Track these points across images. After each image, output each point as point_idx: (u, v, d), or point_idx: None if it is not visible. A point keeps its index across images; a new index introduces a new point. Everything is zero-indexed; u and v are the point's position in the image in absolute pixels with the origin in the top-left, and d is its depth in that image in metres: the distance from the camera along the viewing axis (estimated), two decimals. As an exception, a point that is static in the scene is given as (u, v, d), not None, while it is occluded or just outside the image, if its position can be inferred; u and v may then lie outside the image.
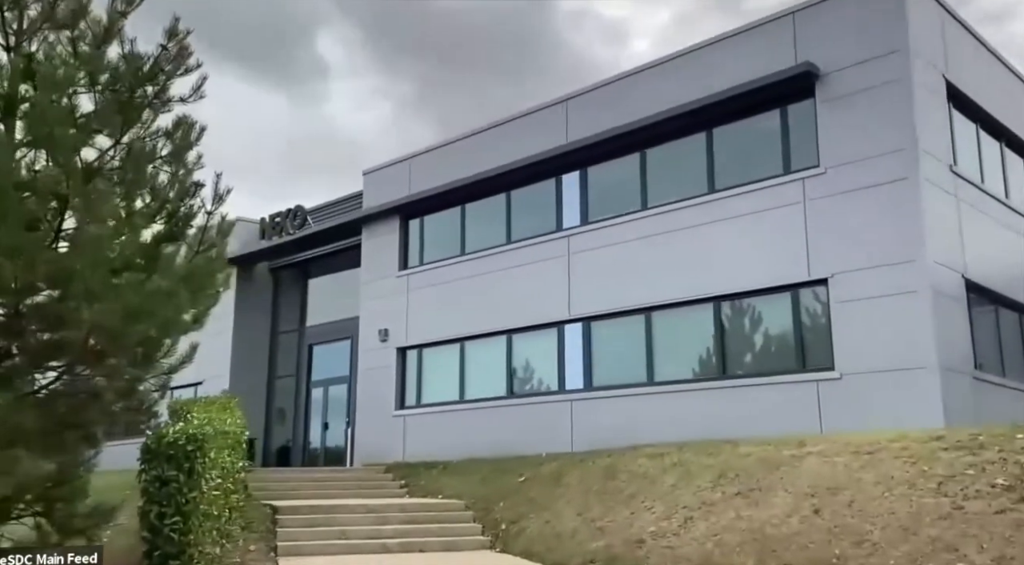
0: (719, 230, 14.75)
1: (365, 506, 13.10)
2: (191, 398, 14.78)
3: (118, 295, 8.45)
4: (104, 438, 9.69)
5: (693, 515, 9.70)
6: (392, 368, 19.40)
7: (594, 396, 15.99)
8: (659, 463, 11.49)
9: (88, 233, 8.22)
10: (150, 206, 9.82)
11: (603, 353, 16.32)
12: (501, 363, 17.70)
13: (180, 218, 10.04)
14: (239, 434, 10.60)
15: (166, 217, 10.03)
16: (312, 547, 11.52)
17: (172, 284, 8.85)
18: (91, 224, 8.30)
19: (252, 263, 23.60)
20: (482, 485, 14.14)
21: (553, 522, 11.31)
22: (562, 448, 15.54)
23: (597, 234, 16.50)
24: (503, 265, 17.86)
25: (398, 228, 19.98)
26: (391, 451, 18.60)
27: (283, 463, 22.63)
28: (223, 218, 9.97)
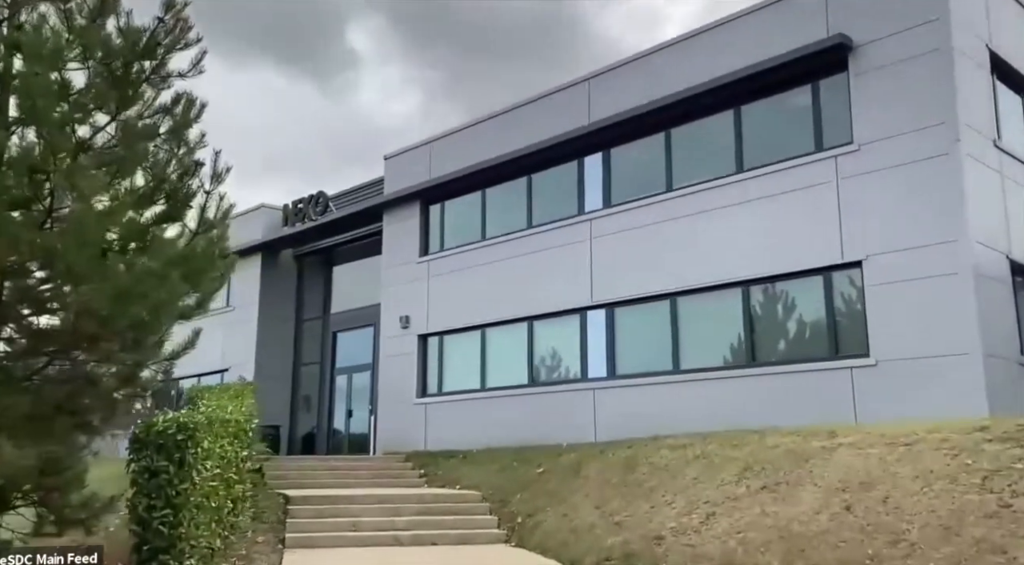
0: (748, 211, 13.96)
1: (379, 496, 12.59)
2: (209, 385, 14.38)
3: (106, 276, 7.98)
4: (104, 426, 9.26)
5: (716, 511, 9.01)
6: (413, 355, 18.89)
7: (617, 385, 15.31)
8: (682, 455, 10.80)
9: (72, 210, 7.74)
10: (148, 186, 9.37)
11: (627, 340, 15.63)
12: (522, 351, 17.09)
13: (179, 198, 9.55)
14: (243, 422, 10.11)
15: (164, 197, 9.56)
16: (321, 539, 11.03)
17: (163, 265, 8.34)
18: (75, 202, 7.83)
19: (276, 250, 23.22)
20: (500, 476, 13.56)
21: (570, 516, 10.69)
22: (584, 438, 14.90)
23: (620, 217, 15.78)
24: (524, 250, 17.22)
25: (418, 213, 19.42)
26: (412, 440, 18.10)
27: (308, 451, 22.28)
28: (222, 198, 9.46)
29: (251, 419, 10.83)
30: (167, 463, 7.78)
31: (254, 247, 22.67)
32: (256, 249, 22.77)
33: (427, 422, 18.21)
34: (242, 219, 23.41)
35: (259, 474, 15.04)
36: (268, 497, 12.93)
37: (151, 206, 9.46)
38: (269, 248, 22.88)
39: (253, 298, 22.81)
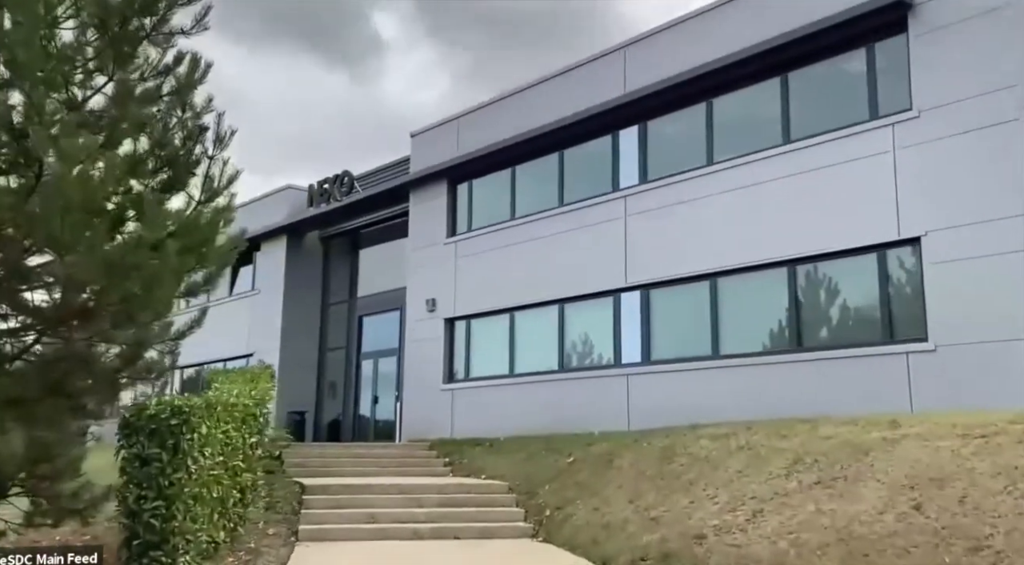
0: (796, 185, 12.90)
1: (399, 486, 11.81)
2: (227, 369, 13.70)
3: (92, 246, 7.24)
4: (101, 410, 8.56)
5: (763, 507, 8.06)
6: (440, 340, 18.08)
7: (653, 370, 14.36)
8: (724, 445, 9.85)
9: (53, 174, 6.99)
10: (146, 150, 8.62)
11: (663, 324, 14.66)
12: (553, 335, 16.20)
13: (180, 165, 8.79)
14: (251, 406, 9.37)
15: (164, 163, 8.81)
16: (336, 532, 10.27)
17: (160, 235, 7.57)
18: (58, 165, 7.08)
19: (301, 232, 22.53)
20: (528, 465, 12.71)
21: (602, 510, 9.81)
22: (617, 426, 14.00)
23: (657, 193, 14.79)
24: (555, 230, 16.30)
25: (446, 192, 18.57)
26: (439, 427, 17.32)
27: (334, 437, 21.64)
28: (225, 163, 8.68)
29: (262, 403, 10.10)
30: (159, 450, 7.04)
31: (279, 229, 22.02)
32: (281, 231, 22.12)
33: (453, 409, 17.42)
34: (267, 200, 22.82)
35: (278, 461, 14.40)
36: (285, 486, 12.23)
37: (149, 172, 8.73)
38: (294, 230, 22.21)
39: (278, 281, 22.17)
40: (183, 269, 9.13)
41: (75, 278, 7.25)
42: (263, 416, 10.10)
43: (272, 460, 14.43)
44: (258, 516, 10.65)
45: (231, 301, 23.61)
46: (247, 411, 9.28)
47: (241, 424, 9.10)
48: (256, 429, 9.73)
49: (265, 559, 8.94)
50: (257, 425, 9.75)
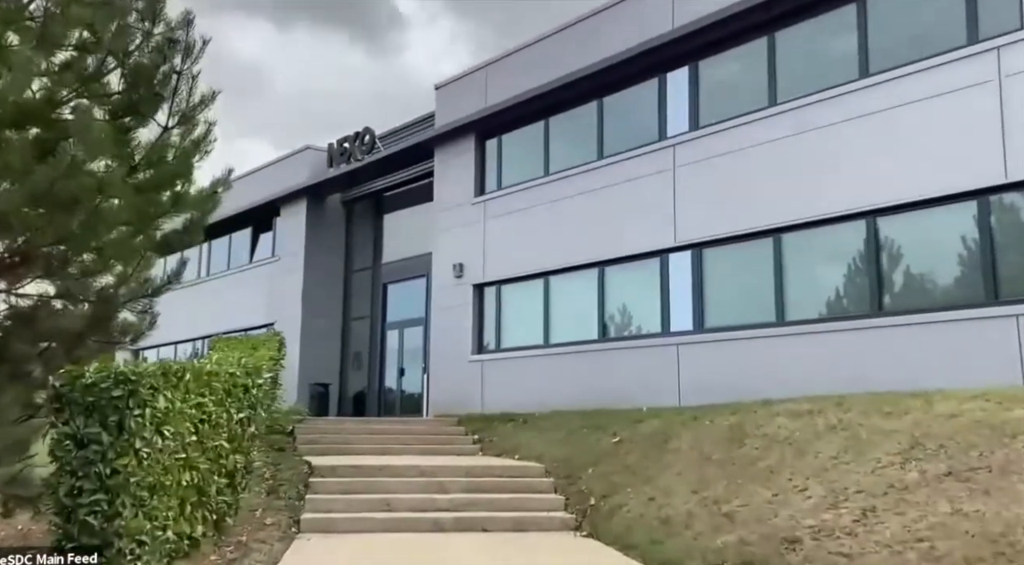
0: (876, 126, 10.84)
1: (420, 468, 10.05)
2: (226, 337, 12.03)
3: (13, 170, 5.50)
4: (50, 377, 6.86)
5: (875, 505, 6.16)
6: (468, 308, 16.27)
7: (706, 339, 12.43)
8: (808, 425, 7.93)
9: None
10: (102, 62, 6.86)
11: (718, 287, 12.70)
12: (592, 301, 14.29)
13: (143, 80, 7.00)
14: (239, 376, 7.63)
15: (123, 80, 7.03)
16: (344, 521, 8.55)
17: (96, 154, 5.82)
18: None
19: (322, 195, 20.77)
20: (566, 445, 10.90)
21: (659, 501, 7.96)
22: (665, 402, 12.13)
23: (710, 141, 12.77)
24: (594, 185, 14.35)
25: (473, 148, 16.66)
26: (468, 400, 15.56)
27: (359, 411, 20.01)
28: (194, 77, 6.88)
29: (257, 372, 8.37)
30: (99, 430, 5.30)
31: (299, 192, 20.29)
32: (301, 194, 20.39)
33: (483, 381, 15.64)
34: (286, 163, 21.11)
35: (291, 437, 12.76)
36: (293, 466, 10.56)
37: (105, 93, 6.97)
38: (315, 193, 20.46)
39: (299, 247, 20.48)
40: (151, 210, 7.41)
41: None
42: (258, 387, 8.38)
43: (285, 436, 12.85)
44: (257, 502, 8.97)
45: (251, 268, 22.02)
46: (233, 381, 7.53)
47: (226, 396, 7.36)
48: (248, 402, 8.00)
49: (254, 557, 7.23)
50: (249, 398, 8.01)
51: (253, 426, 8.30)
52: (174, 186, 7.66)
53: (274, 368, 11.40)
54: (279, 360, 12.50)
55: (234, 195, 21.74)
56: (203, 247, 24.05)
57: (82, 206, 5.74)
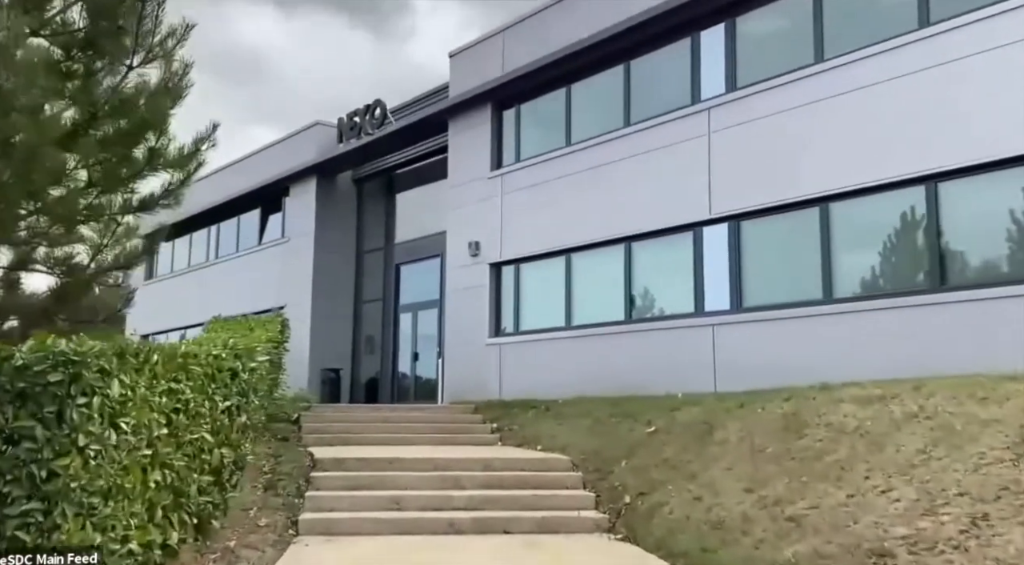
0: (936, 80, 9.59)
1: (434, 461, 8.96)
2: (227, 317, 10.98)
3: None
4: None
5: (987, 511, 4.99)
6: (485, 288, 15.14)
7: (745, 319, 11.25)
8: (882, 412, 6.76)
9: None
10: None
11: (757, 262, 11.50)
12: (618, 279, 13.13)
13: (105, 14, 5.90)
14: (224, 359, 6.55)
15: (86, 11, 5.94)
16: (348, 522, 7.47)
17: (28, 81, 4.72)
18: None
19: (332, 173, 19.66)
20: (595, 435, 9.78)
21: (707, 501, 6.82)
22: (699, 387, 10.97)
23: (748, 103, 11.54)
24: (620, 154, 13.16)
25: (489, 119, 15.48)
26: (484, 386, 14.47)
27: (372, 397, 18.98)
28: (160, 4, 5.77)
29: (249, 355, 7.29)
30: (33, 423, 4.22)
31: (308, 169, 19.18)
32: (311, 172, 19.28)
33: (501, 366, 14.53)
34: (295, 140, 20.03)
35: (295, 425, 11.73)
36: (296, 458, 9.51)
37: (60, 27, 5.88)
38: (325, 171, 19.35)
39: (308, 228, 19.40)
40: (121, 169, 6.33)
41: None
42: (251, 372, 7.31)
43: (290, 424, 11.82)
44: (252, 500, 7.91)
45: (260, 250, 20.97)
46: (218, 364, 6.45)
47: (208, 382, 6.28)
48: (238, 389, 6.93)
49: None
50: (239, 384, 6.94)
51: (244, 415, 7.22)
52: (146, 139, 6.57)
53: (274, 351, 10.35)
54: (281, 343, 11.44)
55: (242, 175, 20.68)
56: (211, 229, 23.08)
57: (13, 149, 4.64)
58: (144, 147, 6.56)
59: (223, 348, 6.74)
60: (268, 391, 9.90)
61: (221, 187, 21.66)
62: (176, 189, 7.07)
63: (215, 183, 22.30)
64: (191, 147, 6.99)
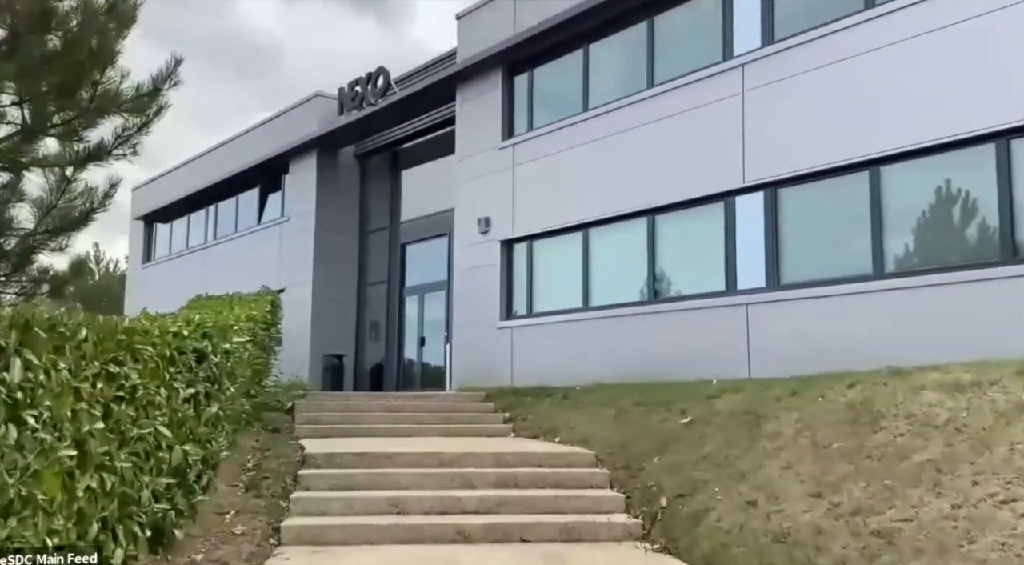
0: (1015, 24, 8.32)
1: (440, 456, 7.80)
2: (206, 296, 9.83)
3: None
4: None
5: None
6: (496, 267, 13.96)
7: (783, 297, 10.04)
8: (979, 402, 5.55)
9: None
10: None
11: (798, 234, 10.27)
12: (641, 256, 11.92)
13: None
14: (184, 337, 5.39)
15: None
16: (339, 530, 6.32)
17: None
18: None
19: (334, 148, 18.46)
20: (620, 426, 8.60)
21: (764, 506, 5.64)
22: (732, 372, 9.80)
23: (788, 57, 10.28)
24: (643, 119, 11.92)
25: (500, 84, 14.25)
26: (496, 372, 13.32)
27: (376, 385, 17.88)
28: None
29: (223, 333, 6.15)
30: None
31: (308, 144, 17.98)
32: (311, 147, 18.09)
33: (514, 350, 13.37)
34: (293, 113, 18.83)
35: (289, 415, 10.61)
36: (285, 452, 8.38)
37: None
38: (326, 145, 18.15)
39: (309, 206, 18.23)
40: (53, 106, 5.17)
41: None
42: (225, 354, 6.17)
43: (284, 414, 10.70)
44: (230, 502, 6.78)
45: (259, 230, 19.81)
46: (178, 345, 5.29)
47: (165, 365, 5.12)
48: (207, 374, 5.78)
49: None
50: (208, 368, 5.79)
51: (216, 405, 6.06)
52: (90, 73, 5.39)
53: (263, 333, 9.20)
54: (272, 324, 10.29)
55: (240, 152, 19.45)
56: (209, 210, 21.94)
57: None
58: (87, 82, 5.37)
59: (186, 325, 5.57)
60: (254, 377, 8.75)
61: (219, 166, 20.53)
62: (133, 136, 5.91)
63: (213, 161, 21.17)
64: (149, 86, 5.83)
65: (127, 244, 25.86)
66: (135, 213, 24.49)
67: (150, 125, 5.98)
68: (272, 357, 11.00)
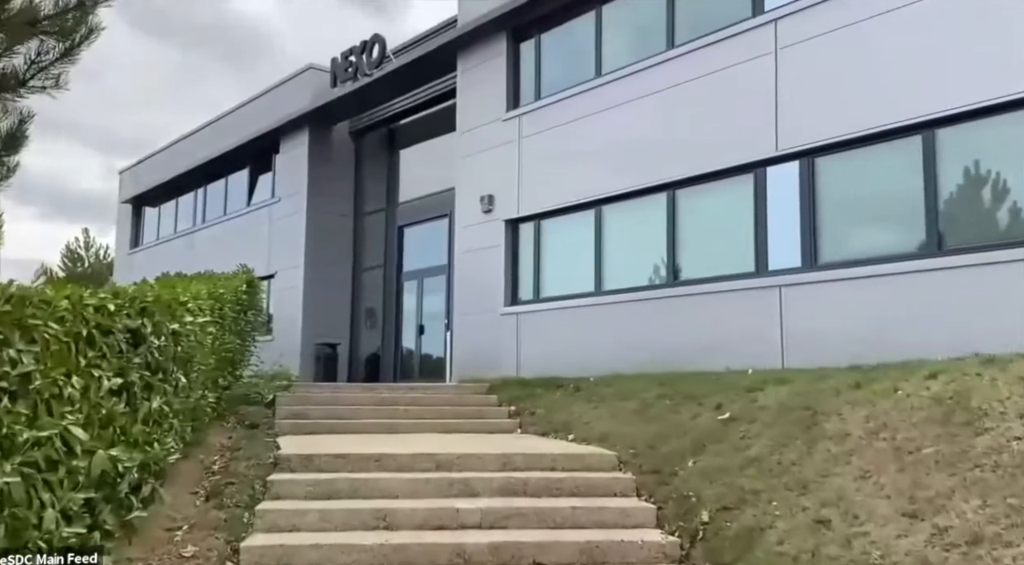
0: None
1: (435, 457, 6.58)
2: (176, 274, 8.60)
3: None
4: None
5: None
6: (500, 249, 12.73)
7: (821, 278, 8.82)
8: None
9: None
10: None
11: (837, 207, 9.04)
12: (659, 234, 10.69)
13: None
14: (113, 312, 4.19)
15: None
16: (312, 551, 5.09)
17: None
18: None
19: (327, 123, 17.19)
20: (644, 422, 7.39)
21: (839, 527, 4.43)
22: (762, 362, 8.63)
23: (828, 9, 9.04)
24: (662, 84, 10.68)
25: (505, 51, 12.99)
26: (500, 362, 12.12)
27: (373, 375, 16.69)
28: None
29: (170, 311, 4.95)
30: None
31: (300, 119, 16.72)
32: (302, 122, 16.82)
33: (519, 338, 12.16)
34: (284, 88, 17.57)
35: (269, 409, 9.40)
36: (258, 452, 7.16)
37: None
38: (318, 121, 16.88)
39: (300, 186, 16.99)
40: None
41: None
42: (171, 337, 4.98)
43: (264, 408, 9.49)
44: (184, 515, 5.56)
45: (249, 212, 18.58)
46: (98, 322, 4.08)
47: (84, 348, 3.92)
48: (146, 360, 4.59)
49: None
50: (147, 354, 4.59)
51: (159, 399, 4.85)
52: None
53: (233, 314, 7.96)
54: (247, 306, 9.06)
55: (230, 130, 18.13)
56: (197, 193, 20.69)
57: None
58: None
59: (113, 298, 4.34)
60: (224, 366, 7.53)
61: (207, 145, 19.28)
62: (55, 63, 4.67)
63: (201, 141, 19.93)
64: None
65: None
66: (122, 196, 23.25)
67: (77, 51, 4.76)
68: (251, 343, 9.79)
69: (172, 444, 5.23)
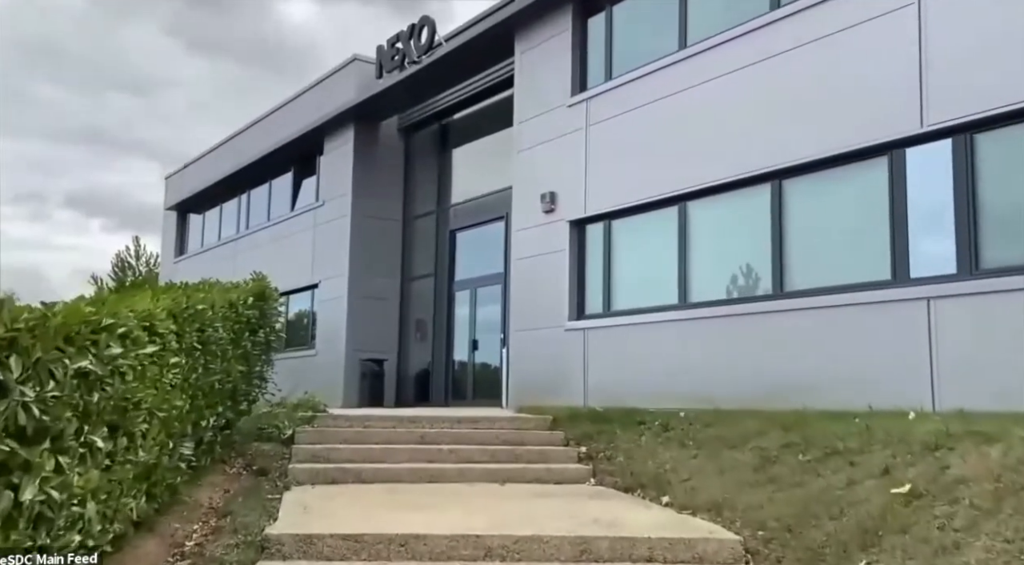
0: None
1: (483, 541, 4.57)
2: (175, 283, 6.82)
3: None
4: None
5: None
6: (564, 254, 10.70)
7: (986, 289, 6.56)
8: None
9: None
10: None
11: (1006, 198, 6.78)
12: (762, 236, 8.52)
13: None
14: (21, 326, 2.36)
15: None
16: None
17: None
18: None
19: (374, 119, 15.44)
20: (771, 484, 5.26)
21: None
22: (902, 398, 6.47)
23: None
24: (765, 51, 8.54)
25: (571, 27, 11.00)
26: (564, 386, 10.10)
27: (422, 395, 14.87)
28: None
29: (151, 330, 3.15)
30: None
31: (345, 115, 15.01)
32: (347, 118, 15.11)
33: (587, 358, 10.11)
34: (328, 83, 15.92)
35: (285, 446, 7.58)
36: (255, 519, 5.27)
37: None
38: (364, 116, 15.16)
39: (345, 188, 15.29)
40: None
41: None
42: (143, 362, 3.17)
43: (281, 446, 7.67)
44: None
45: (292, 218, 16.97)
46: None
47: None
48: (6, 427, 2.77)
49: None
50: (11, 419, 2.78)
51: (31, 489, 2.95)
52: None
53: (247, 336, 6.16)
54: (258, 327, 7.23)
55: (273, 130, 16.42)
56: (241, 197, 19.25)
57: None
58: None
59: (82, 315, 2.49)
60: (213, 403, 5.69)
61: (251, 147, 17.81)
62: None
63: (244, 143, 18.48)
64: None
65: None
66: (167, 203, 22.02)
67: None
68: (267, 368, 7.99)
69: (96, 537, 3.35)
